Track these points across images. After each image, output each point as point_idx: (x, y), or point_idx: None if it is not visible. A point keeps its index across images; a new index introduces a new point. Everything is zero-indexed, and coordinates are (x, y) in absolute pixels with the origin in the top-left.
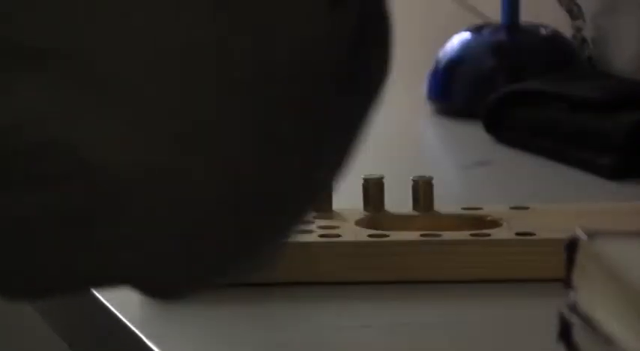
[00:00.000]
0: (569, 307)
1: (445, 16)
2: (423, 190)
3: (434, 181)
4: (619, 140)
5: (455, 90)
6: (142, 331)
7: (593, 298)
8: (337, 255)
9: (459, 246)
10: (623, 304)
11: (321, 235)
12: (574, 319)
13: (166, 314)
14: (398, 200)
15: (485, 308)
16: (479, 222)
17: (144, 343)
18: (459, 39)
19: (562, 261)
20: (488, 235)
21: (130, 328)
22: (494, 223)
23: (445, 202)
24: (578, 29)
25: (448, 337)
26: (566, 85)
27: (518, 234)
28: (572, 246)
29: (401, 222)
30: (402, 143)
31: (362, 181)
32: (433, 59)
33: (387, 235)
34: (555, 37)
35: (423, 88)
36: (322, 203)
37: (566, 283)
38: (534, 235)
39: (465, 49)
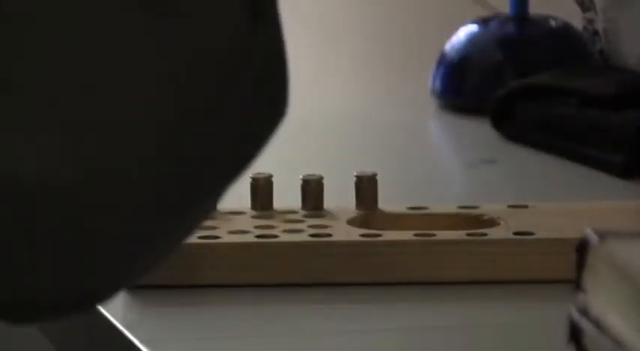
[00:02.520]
0: (579, 310)
1: (451, 7)
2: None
3: (437, 179)
4: (631, 137)
5: (461, 85)
6: (132, 333)
7: (604, 301)
8: (328, 255)
9: (454, 246)
10: (635, 307)
11: (312, 235)
12: (584, 323)
13: (157, 316)
14: (395, 198)
15: (482, 310)
16: (475, 221)
17: (134, 345)
18: (465, 32)
19: (562, 261)
20: (485, 234)
21: (120, 331)
22: (492, 223)
23: (450, 202)
24: (590, 21)
25: (444, 341)
26: (577, 79)
27: (515, 233)
28: (582, 247)
29: (394, 221)
30: (405, 140)
31: (354, 179)
32: (439, 53)
33: (380, 235)
34: (566, 30)
35: (428, 82)
36: (313, 202)
37: (577, 285)
38: (533, 234)
39: (472, 42)
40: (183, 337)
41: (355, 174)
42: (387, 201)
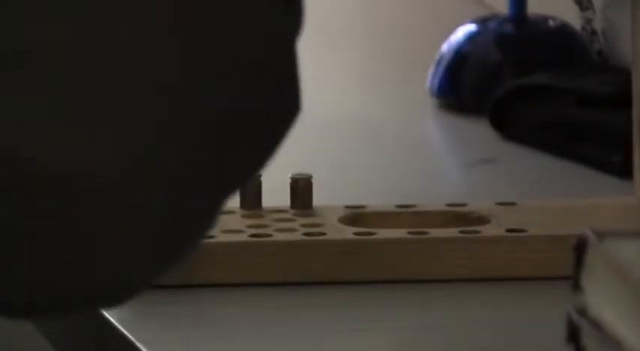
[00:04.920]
0: (577, 310)
1: (450, 7)
2: (302, 190)
3: (435, 178)
4: (629, 136)
5: (460, 84)
6: (131, 334)
7: (603, 300)
8: (322, 254)
9: (449, 243)
10: (633, 306)
11: (305, 234)
12: (583, 322)
13: (156, 316)
14: (392, 198)
15: (478, 308)
16: (465, 219)
17: (134, 345)
18: (464, 31)
19: (556, 258)
20: (478, 232)
21: (119, 331)
22: (482, 220)
23: (448, 201)
24: (588, 21)
25: (441, 340)
26: (576, 79)
27: (508, 231)
28: (581, 247)
29: (384, 219)
30: (403, 139)
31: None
32: (437, 52)
33: (374, 233)
34: (564, 30)
35: (426, 82)
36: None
37: (575, 285)
38: (525, 231)
39: (471, 41)
40: (183, 337)
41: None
42: (385, 200)
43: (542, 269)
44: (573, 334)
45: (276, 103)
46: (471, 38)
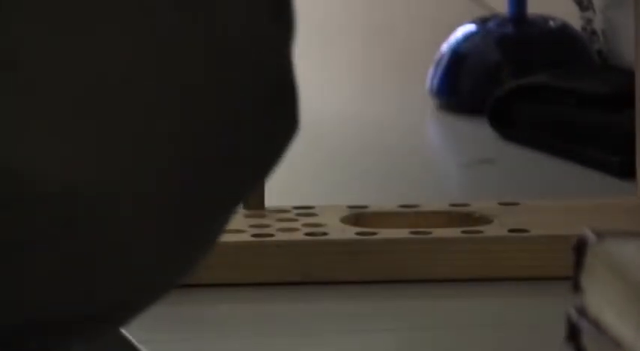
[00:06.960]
0: (577, 310)
1: (449, 7)
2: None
3: (435, 179)
4: (629, 137)
5: (459, 85)
6: (131, 333)
7: (603, 301)
8: (324, 254)
9: (451, 243)
10: (633, 306)
11: (307, 234)
12: (583, 322)
13: (156, 316)
14: (392, 198)
15: (481, 308)
16: (467, 219)
17: (133, 345)
18: (463, 31)
19: (559, 258)
20: (481, 232)
21: (118, 331)
22: (485, 220)
23: (448, 202)
24: (588, 21)
25: (444, 340)
26: (576, 79)
27: (510, 231)
28: (580, 247)
29: (386, 219)
30: (403, 140)
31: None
32: (437, 53)
33: (376, 233)
34: (564, 30)
35: (426, 82)
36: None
37: (575, 285)
38: (528, 231)
39: (470, 42)
40: (182, 337)
41: None
42: (385, 200)
43: (544, 269)
44: (573, 334)
45: (272, 117)
46: (470, 38)
